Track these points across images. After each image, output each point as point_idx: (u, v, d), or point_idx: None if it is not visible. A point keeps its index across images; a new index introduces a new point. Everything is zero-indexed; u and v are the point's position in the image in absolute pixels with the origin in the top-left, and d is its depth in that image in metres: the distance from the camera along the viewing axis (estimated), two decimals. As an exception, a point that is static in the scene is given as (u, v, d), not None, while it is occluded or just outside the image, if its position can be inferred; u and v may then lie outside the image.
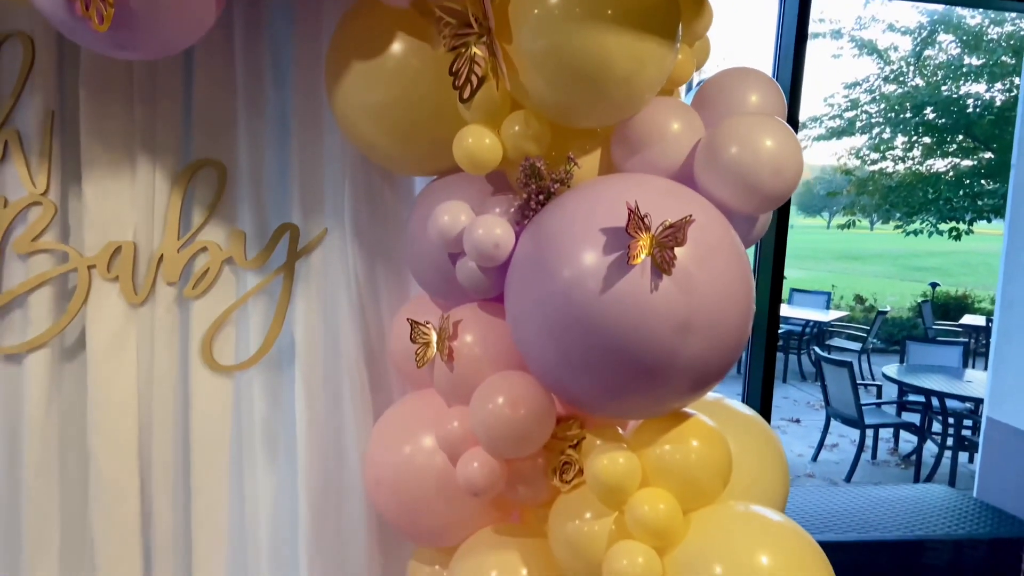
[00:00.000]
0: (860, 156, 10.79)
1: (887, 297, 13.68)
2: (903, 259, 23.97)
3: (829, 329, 8.93)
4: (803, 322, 8.47)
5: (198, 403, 1.62)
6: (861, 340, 8.35)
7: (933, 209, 10.06)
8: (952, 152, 10.34)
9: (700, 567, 1.20)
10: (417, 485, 1.46)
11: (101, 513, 1.56)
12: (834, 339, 8.85)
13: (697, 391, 1.26)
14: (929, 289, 11.37)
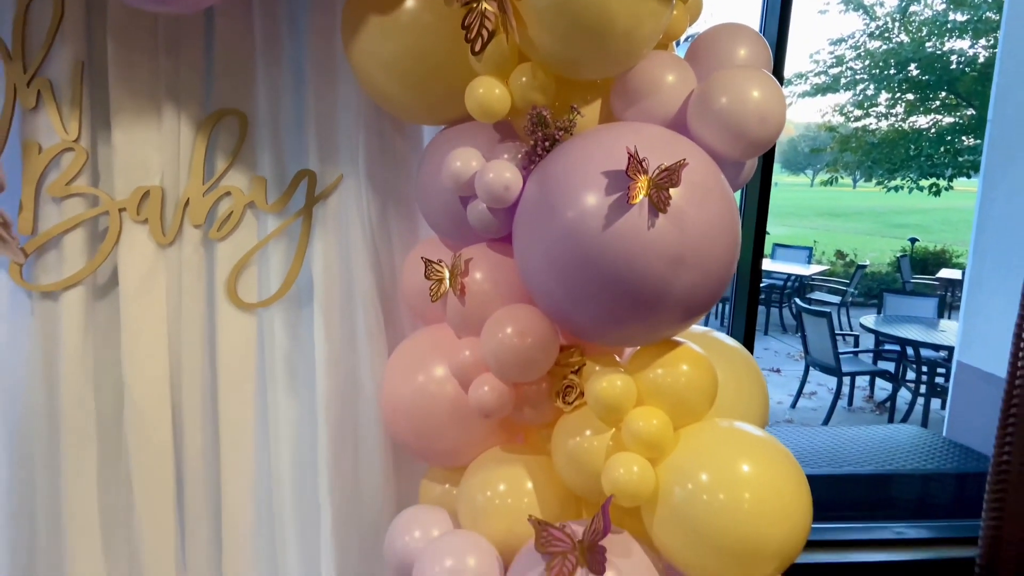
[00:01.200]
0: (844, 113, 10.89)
1: (868, 253, 13.92)
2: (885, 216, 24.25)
3: (810, 283, 9.14)
4: (785, 276, 8.66)
5: (223, 338, 1.74)
6: (841, 293, 8.57)
7: (914, 166, 10.22)
8: (935, 109, 10.46)
9: (688, 475, 1.34)
10: (430, 410, 1.59)
11: (135, 438, 1.69)
12: (815, 292, 9.06)
13: (688, 320, 1.40)
14: (908, 245, 11.60)
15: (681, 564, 1.37)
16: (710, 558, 1.33)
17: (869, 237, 19.34)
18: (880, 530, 2.89)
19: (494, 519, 1.49)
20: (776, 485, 1.34)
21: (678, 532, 1.34)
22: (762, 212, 2.62)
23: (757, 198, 2.59)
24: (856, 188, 35.64)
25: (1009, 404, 2.69)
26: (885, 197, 12.55)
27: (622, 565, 1.31)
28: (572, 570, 1.29)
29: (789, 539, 1.33)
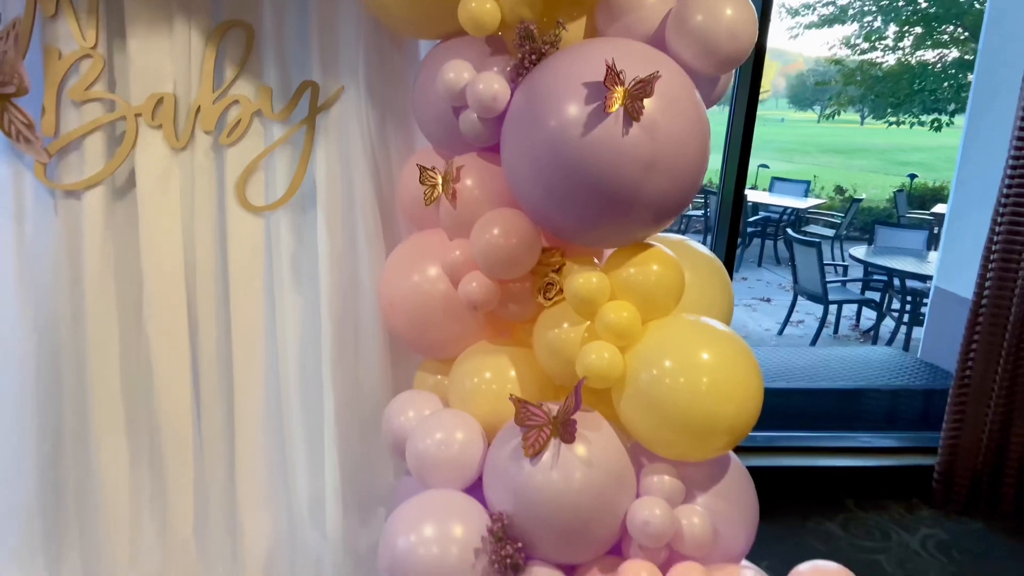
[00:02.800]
0: (851, 45, 10.76)
1: (869, 189, 13.95)
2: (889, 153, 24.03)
3: (806, 216, 9.22)
4: (781, 209, 8.74)
5: (233, 238, 1.87)
6: (836, 227, 8.67)
7: (917, 100, 10.16)
8: (943, 43, 10.34)
9: (653, 360, 1.49)
10: (424, 306, 1.74)
11: (154, 329, 1.85)
12: (810, 226, 9.16)
13: (659, 223, 1.53)
14: (907, 180, 11.62)
15: (645, 440, 1.54)
16: (670, 434, 1.49)
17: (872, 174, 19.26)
18: (848, 439, 3.09)
19: (480, 401, 1.66)
20: (731, 371, 1.49)
21: (643, 411, 1.50)
22: (746, 145, 2.71)
23: (742, 132, 2.68)
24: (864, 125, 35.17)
25: (974, 323, 2.85)
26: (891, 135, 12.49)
27: (591, 436, 1.48)
28: (546, 441, 1.46)
29: (740, 418, 1.49)
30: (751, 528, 1.63)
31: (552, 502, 1.45)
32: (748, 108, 2.66)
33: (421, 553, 1.45)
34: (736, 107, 2.70)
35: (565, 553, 1.51)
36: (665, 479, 1.52)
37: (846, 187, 13.06)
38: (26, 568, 1.98)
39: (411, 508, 1.53)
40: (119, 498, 1.90)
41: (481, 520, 1.50)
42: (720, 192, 2.79)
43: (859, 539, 2.71)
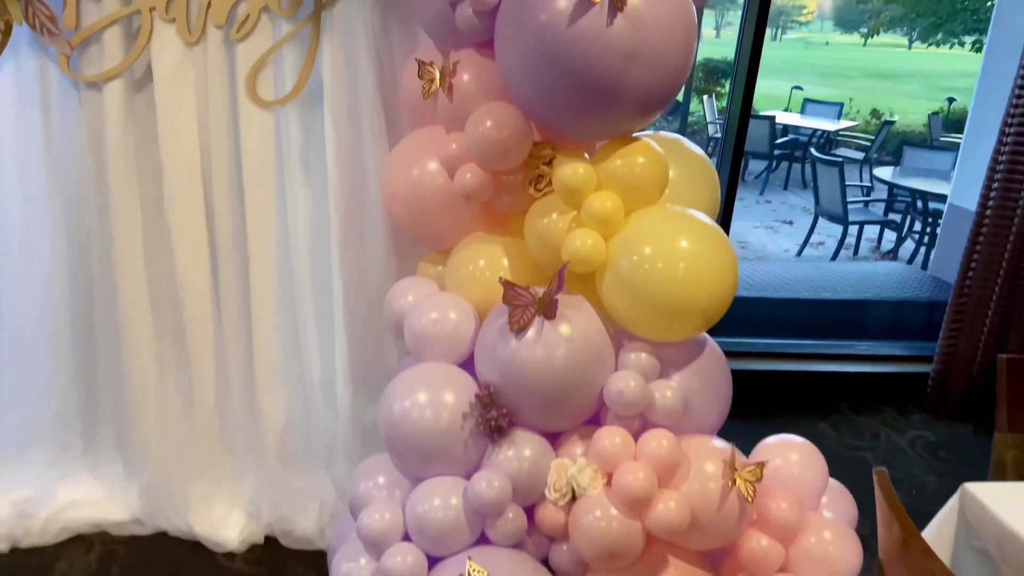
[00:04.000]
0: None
1: (908, 115, 13.55)
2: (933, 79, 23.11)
3: (837, 139, 9.05)
4: (811, 131, 8.58)
5: (245, 131, 1.97)
6: (866, 150, 8.51)
7: (959, 20, 9.75)
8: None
9: (634, 247, 1.58)
10: (424, 199, 1.83)
11: (175, 217, 1.98)
12: (840, 148, 8.99)
13: (644, 115, 1.59)
14: (946, 104, 11.26)
15: (625, 321, 1.64)
16: (648, 315, 1.60)
17: (914, 100, 18.63)
18: (847, 347, 3.17)
19: (474, 286, 1.77)
20: (707, 259, 1.57)
21: (623, 295, 1.60)
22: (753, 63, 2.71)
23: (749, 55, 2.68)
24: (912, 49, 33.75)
25: (976, 235, 2.88)
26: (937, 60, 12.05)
27: (573, 316, 1.59)
28: (530, 318, 1.57)
29: (714, 301, 1.58)
30: (723, 406, 1.74)
31: (535, 374, 1.56)
32: (757, 25, 2.65)
33: (415, 417, 1.59)
34: (745, 24, 2.69)
35: (547, 421, 1.65)
36: (642, 356, 1.63)
37: (882, 111, 12.71)
38: (64, 434, 2.18)
39: (407, 378, 1.67)
40: (147, 371, 2.07)
41: (471, 390, 1.63)
42: (727, 111, 2.81)
43: (849, 438, 2.82)
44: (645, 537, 1.54)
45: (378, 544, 1.55)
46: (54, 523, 2.07)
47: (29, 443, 2.14)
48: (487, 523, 1.56)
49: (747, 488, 1.52)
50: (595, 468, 1.57)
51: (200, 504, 2.11)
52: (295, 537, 2.11)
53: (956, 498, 1.32)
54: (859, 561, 1.57)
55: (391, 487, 1.65)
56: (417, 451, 1.60)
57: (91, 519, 2.10)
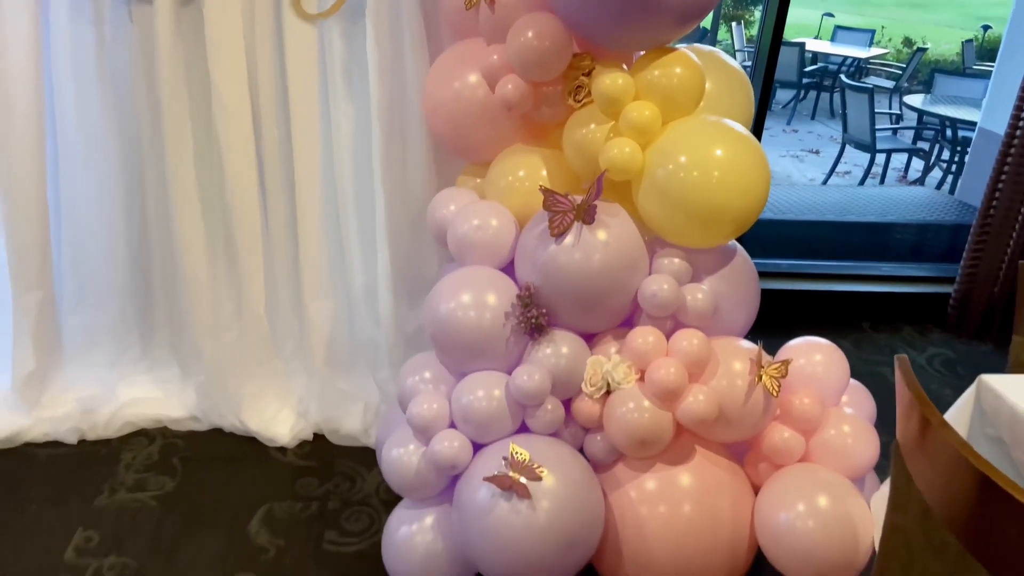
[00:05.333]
0: None
1: (940, 44, 13.16)
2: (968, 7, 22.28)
3: (867, 67, 8.86)
4: (841, 59, 8.41)
5: (290, 44, 2.03)
6: (897, 79, 8.34)
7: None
8: None
9: (669, 155, 1.64)
10: (464, 111, 1.89)
11: (223, 128, 2.05)
12: (871, 77, 8.82)
13: (682, 24, 1.63)
14: (981, 32, 10.92)
15: (659, 228, 1.72)
16: (682, 222, 1.67)
17: (948, 28, 18.05)
18: (870, 268, 3.23)
19: (513, 195, 1.84)
20: (741, 167, 1.63)
21: (658, 202, 1.67)
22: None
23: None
24: (947, -25, 32.38)
25: (1004, 156, 2.90)
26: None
27: (610, 222, 1.66)
28: (569, 223, 1.65)
29: (746, 209, 1.65)
30: (750, 311, 1.83)
31: (573, 277, 1.65)
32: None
33: (459, 316, 1.69)
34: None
35: (583, 322, 1.74)
36: (675, 261, 1.71)
37: (915, 40, 12.35)
38: (122, 340, 2.32)
39: (451, 281, 1.76)
40: (200, 279, 2.18)
41: (511, 292, 1.72)
42: (758, 38, 2.80)
43: (868, 355, 2.91)
44: (674, 428, 1.65)
45: (426, 431, 1.67)
46: (117, 419, 2.22)
47: (91, 345, 2.28)
48: (527, 413, 1.68)
49: (772, 384, 1.61)
50: (629, 364, 1.67)
51: (253, 403, 2.25)
52: (341, 435, 2.25)
53: (972, 389, 1.40)
54: (876, 452, 1.68)
55: (436, 381, 1.76)
56: (461, 348, 1.70)
57: (151, 415, 2.25)
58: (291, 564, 1.83)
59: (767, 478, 1.69)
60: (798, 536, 1.57)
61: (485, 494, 1.56)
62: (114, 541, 1.86)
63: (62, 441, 2.16)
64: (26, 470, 2.06)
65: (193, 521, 1.94)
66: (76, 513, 1.93)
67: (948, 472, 1.04)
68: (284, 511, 1.99)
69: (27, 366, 2.16)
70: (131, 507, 1.97)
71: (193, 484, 2.06)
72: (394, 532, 1.74)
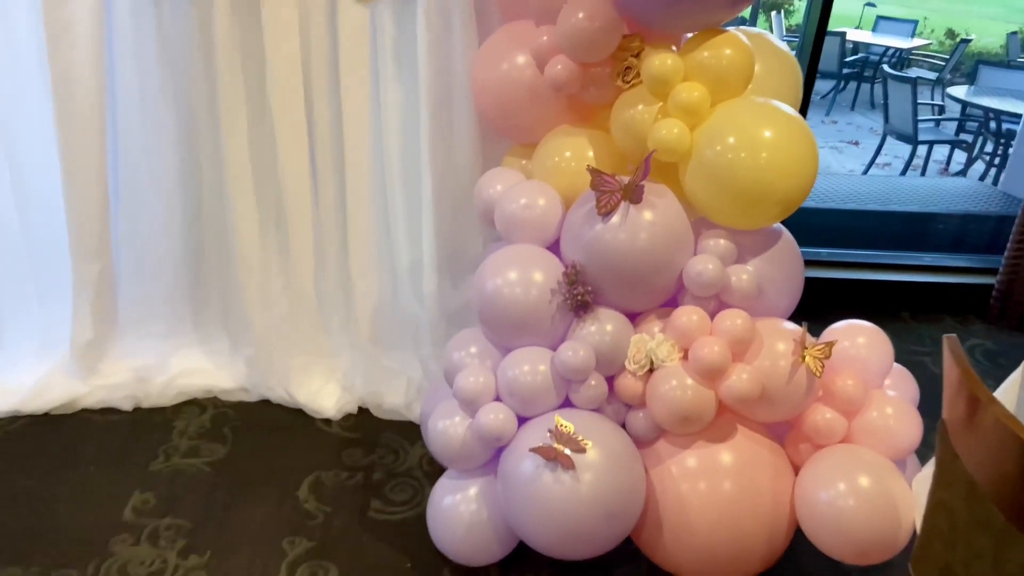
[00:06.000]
0: None
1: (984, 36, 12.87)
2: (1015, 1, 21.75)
3: (909, 57, 8.71)
4: (882, 49, 8.28)
5: (343, 26, 2.07)
6: (940, 70, 8.19)
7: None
8: None
9: (718, 136, 1.65)
10: (512, 91, 1.92)
11: (276, 104, 2.11)
12: (912, 68, 8.67)
13: (733, 6, 1.64)
14: (1029, 23, 10.66)
15: (705, 209, 1.73)
16: (728, 203, 1.68)
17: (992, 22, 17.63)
18: (912, 258, 3.20)
19: (560, 175, 1.87)
20: (789, 149, 1.64)
21: (705, 183, 1.68)
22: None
23: None
24: (993, -35, 31.58)
25: (1054, 145, 2.85)
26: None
27: (656, 202, 1.68)
28: (617, 203, 1.67)
29: (793, 191, 1.65)
30: (794, 293, 1.84)
31: (618, 256, 1.67)
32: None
33: (506, 293, 1.72)
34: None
35: (627, 300, 1.76)
36: (720, 241, 1.73)
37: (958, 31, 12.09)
38: (175, 312, 2.40)
39: (498, 258, 1.79)
40: (251, 253, 2.25)
41: (557, 270, 1.75)
42: (803, 28, 2.78)
43: (909, 344, 2.89)
44: (717, 406, 1.67)
45: (473, 403, 1.71)
46: (170, 388, 2.29)
47: (145, 316, 2.36)
48: (571, 388, 1.71)
49: (816, 364, 1.63)
50: (672, 343, 1.69)
51: (300, 376, 2.31)
52: (385, 409, 2.30)
53: (1020, 369, 1.41)
54: (919, 435, 1.69)
55: (482, 356, 1.80)
56: (507, 323, 1.74)
57: (202, 385, 2.32)
58: (338, 530, 1.89)
59: (808, 458, 1.70)
60: (839, 515, 1.58)
61: (529, 465, 1.60)
62: (169, 503, 1.93)
63: (118, 408, 2.24)
64: (84, 434, 2.15)
65: (244, 487, 2.01)
66: (132, 476, 2.01)
67: (997, 447, 1.05)
68: (331, 480, 2.05)
69: (86, 335, 2.24)
70: (185, 472, 2.04)
71: (244, 452, 2.13)
72: (439, 502, 1.79)
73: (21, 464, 2.03)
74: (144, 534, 1.84)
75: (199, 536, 1.85)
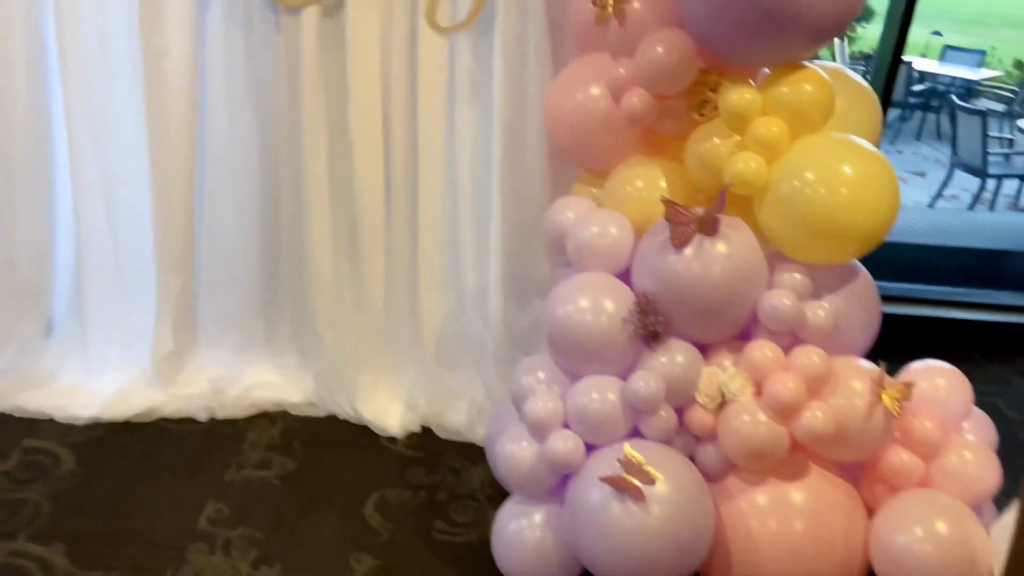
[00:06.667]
0: None
1: (1056, 67, 12.48)
2: (1089, 28, 21.06)
3: (977, 88, 8.50)
4: (949, 80, 8.10)
5: (422, 54, 2.14)
6: (1010, 102, 7.98)
7: None
8: None
9: (796, 171, 1.65)
10: (587, 121, 1.95)
11: (356, 129, 2.18)
12: (980, 99, 8.46)
13: (815, 43, 1.65)
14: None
15: (781, 243, 1.73)
16: (806, 238, 1.68)
17: (1065, 51, 17.10)
18: (984, 296, 3.12)
19: (632, 205, 1.88)
20: (869, 186, 1.63)
21: (783, 218, 1.68)
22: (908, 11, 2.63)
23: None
24: (1065, -7, 30.67)
25: None
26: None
27: (731, 235, 1.68)
28: (691, 235, 1.67)
29: (873, 229, 1.65)
30: (870, 331, 1.81)
31: (691, 287, 1.67)
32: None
33: (577, 320, 1.74)
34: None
35: (699, 332, 1.76)
36: (796, 276, 1.72)
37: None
38: (249, 326, 2.47)
39: (569, 285, 1.81)
40: (324, 270, 2.32)
41: (628, 299, 1.76)
42: (877, 56, 2.76)
43: (979, 384, 2.80)
44: (790, 443, 1.65)
45: (541, 429, 1.72)
46: (243, 400, 2.36)
47: (222, 330, 2.44)
48: (641, 419, 1.71)
49: (894, 405, 1.60)
50: (745, 377, 1.69)
51: (366, 393, 2.36)
52: (447, 429, 2.33)
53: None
54: (997, 481, 1.64)
55: (551, 381, 1.82)
56: (577, 350, 1.75)
57: (272, 399, 2.39)
58: (403, 549, 1.92)
59: (884, 501, 1.67)
60: (915, 560, 1.55)
61: (597, 494, 1.60)
62: (242, 514, 1.99)
63: (194, 418, 2.31)
64: (161, 443, 2.22)
65: (312, 501, 2.05)
66: (207, 486, 2.07)
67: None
68: (395, 498, 2.08)
69: (166, 346, 2.33)
70: (257, 483, 2.10)
71: (311, 466, 2.18)
72: (504, 527, 1.80)
73: (102, 470, 2.11)
74: (219, 544, 1.89)
75: (270, 548, 1.89)
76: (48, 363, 2.37)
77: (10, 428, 2.22)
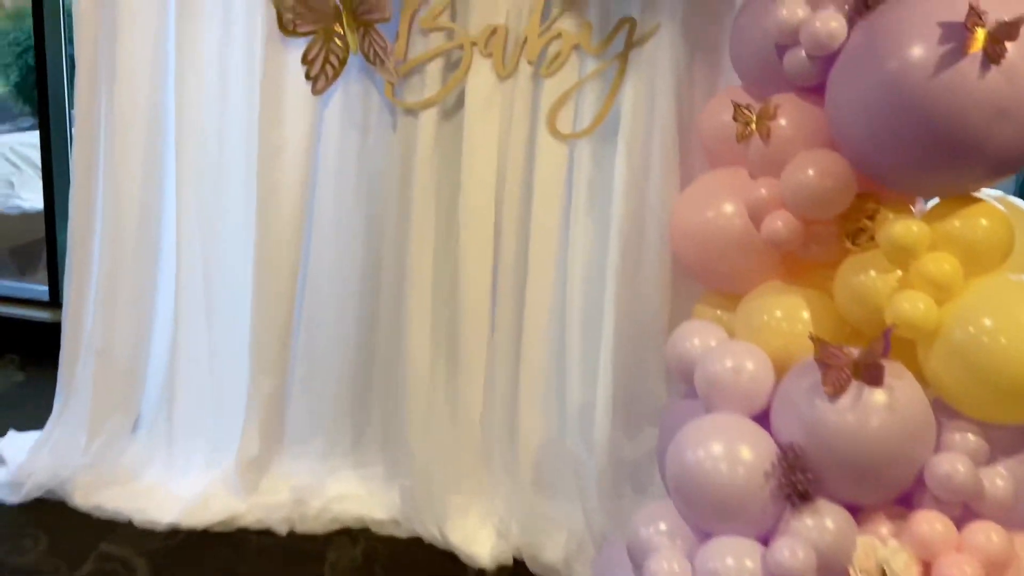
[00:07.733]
0: None
1: None
2: None
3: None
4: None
5: (541, 161, 2.05)
6: None
7: None
8: None
9: (972, 317, 1.45)
10: (719, 239, 1.79)
11: (466, 232, 2.10)
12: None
13: (997, 174, 1.47)
14: None
15: (951, 397, 1.51)
16: (983, 393, 1.46)
17: None
18: None
19: (771, 336, 1.70)
20: (1060, 336, 1.42)
21: (955, 368, 1.47)
22: None
23: None
24: None
25: None
26: None
27: (893, 384, 1.47)
28: (847, 381, 1.48)
29: (1063, 386, 1.42)
30: (1056, 503, 1.55)
31: (846, 441, 1.47)
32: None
33: (708, 468, 1.54)
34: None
35: (852, 493, 1.53)
36: (970, 437, 1.49)
37: None
38: (337, 431, 2.35)
39: (700, 426, 1.62)
40: (421, 378, 2.19)
41: (768, 447, 1.56)
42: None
43: None
44: (964, 637, 1.40)
45: (666, 594, 1.51)
46: (325, 513, 2.21)
47: (309, 434, 2.32)
48: (782, 593, 1.48)
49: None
50: (910, 554, 1.45)
51: (456, 516, 2.18)
52: (541, 563, 2.12)
53: None
54: None
55: (673, 535, 1.61)
56: (709, 504, 1.55)
57: (355, 513, 2.23)
58: None
59: None
60: None
61: None
62: (321, 644, 1.82)
63: (273, 530, 2.17)
64: (238, 558, 2.08)
65: (395, 638, 1.87)
66: (284, 611, 1.92)
67: None
68: (486, 641, 1.88)
69: (252, 451, 2.22)
70: (336, 611, 1.93)
71: (394, 595, 2.00)
72: None
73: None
74: None
75: None
76: (132, 460, 2.29)
77: (89, 530, 2.12)
